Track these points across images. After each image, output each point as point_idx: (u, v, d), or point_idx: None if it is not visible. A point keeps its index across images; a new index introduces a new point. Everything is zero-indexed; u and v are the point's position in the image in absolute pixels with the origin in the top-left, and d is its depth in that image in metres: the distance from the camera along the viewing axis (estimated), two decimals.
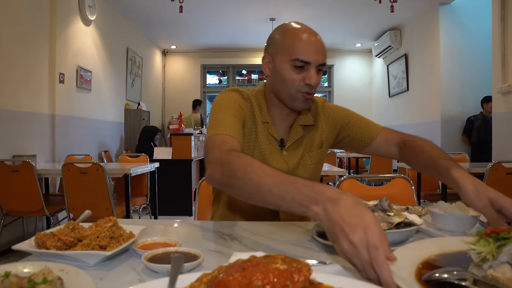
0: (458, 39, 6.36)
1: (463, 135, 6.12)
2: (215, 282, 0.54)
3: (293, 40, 1.26)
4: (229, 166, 1.00)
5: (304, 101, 1.30)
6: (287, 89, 1.28)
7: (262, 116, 1.37)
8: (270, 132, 1.37)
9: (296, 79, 1.26)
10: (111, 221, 0.95)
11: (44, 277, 0.62)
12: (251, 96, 1.39)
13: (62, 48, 5.03)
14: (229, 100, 1.32)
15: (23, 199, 3.42)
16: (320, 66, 1.27)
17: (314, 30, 1.31)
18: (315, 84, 1.26)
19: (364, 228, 0.68)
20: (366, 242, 0.67)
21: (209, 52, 9.85)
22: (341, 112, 1.50)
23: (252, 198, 0.93)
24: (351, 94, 9.89)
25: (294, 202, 0.81)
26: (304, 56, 1.23)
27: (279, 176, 0.88)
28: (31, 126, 4.43)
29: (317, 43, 1.27)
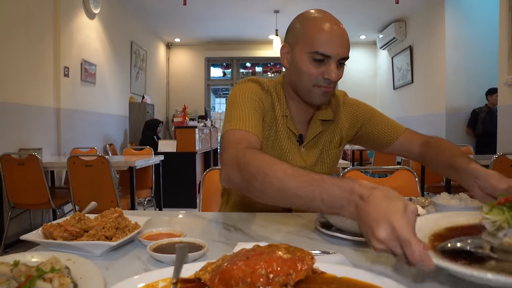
0: (463, 31, 6.30)
1: (468, 127, 6.09)
2: (220, 271, 0.55)
3: (314, 31, 1.15)
4: (247, 168, 0.92)
5: (322, 96, 1.21)
6: (304, 83, 1.20)
7: (281, 109, 1.30)
8: (289, 126, 1.30)
9: (314, 73, 1.17)
10: (117, 212, 0.96)
11: (52, 266, 0.63)
12: (271, 88, 1.31)
13: (67, 41, 5.04)
14: (247, 92, 1.24)
15: (30, 192, 3.46)
16: (341, 60, 1.19)
17: (337, 19, 1.19)
18: (335, 79, 1.17)
19: (390, 221, 0.63)
20: (396, 237, 0.62)
21: (213, 44, 9.82)
22: (363, 108, 1.44)
23: (276, 201, 0.88)
24: (356, 86, 9.82)
25: (324, 205, 0.77)
26: (325, 49, 1.14)
27: (303, 177, 0.82)
28: (36, 120, 4.45)
29: (340, 35, 1.16)
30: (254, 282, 0.51)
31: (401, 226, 0.62)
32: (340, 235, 0.94)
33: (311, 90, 1.20)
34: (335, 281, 0.60)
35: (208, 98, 10.14)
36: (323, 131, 1.35)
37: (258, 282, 0.51)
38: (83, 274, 0.66)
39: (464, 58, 6.28)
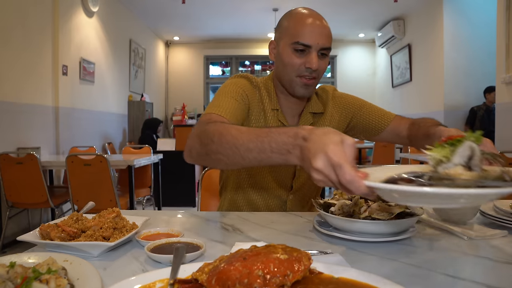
0: (462, 29, 6.30)
1: (466, 125, 6.10)
2: (217, 272, 0.55)
3: (295, 24, 1.23)
4: (205, 134, 0.98)
5: (303, 87, 1.27)
6: (288, 74, 1.27)
7: (271, 103, 1.35)
8: (279, 119, 1.35)
9: (296, 63, 1.23)
10: (114, 212, 0.96)
11: (49, 267, 0.63)
12: (261, 83, 1.37)
13: (65, 40, 5.03)
14: (234, 85, 1.30)
15: (28, 191, 3.45)
16: (323, 50, 1.24)
17: (320, 15, 1.27)
18: (316, 68, 1.22)
19: (324, 150, 0.67)
20: (330, 164, 0.66)
21: (212, 43, 9.81)
22: (352, 100, 1.49)
23: (232, 160, 0.91)
24: (354, 84, 9.84)
25: (273, 153, 0.80)
26: (305, 39, 1.21)
27: (253, 131, 0.86)
28: (35, 118, 4.45)
29: (320, 26, 1.23)
30: (251, 283, 0.51)
31: (334, 153, 0.66)
32: (338, 235, 0.94)
33: (294, 81, 1.26)
34: (333, 281, 0.60)
35: (207, 97, 10.14)
36: (313, 123, 1.40)
37: (255, 283, 0.51)
38: (80, 275, 0.66)
39: (462, 56, 6.29)
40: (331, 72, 10.14)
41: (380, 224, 0.90)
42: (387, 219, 0.90)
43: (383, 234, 0.92)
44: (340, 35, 9.46)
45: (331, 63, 10.10)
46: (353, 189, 0.65)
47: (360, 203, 0.95)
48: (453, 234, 1.01)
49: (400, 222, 0.90)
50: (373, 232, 0.92)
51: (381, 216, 0.91)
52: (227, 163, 0.94)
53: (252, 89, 1.34)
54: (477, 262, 0.82)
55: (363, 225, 0.91)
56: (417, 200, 0.65)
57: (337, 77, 9.97)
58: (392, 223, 0.90)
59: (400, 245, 0.91)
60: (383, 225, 0.90)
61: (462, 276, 0.72)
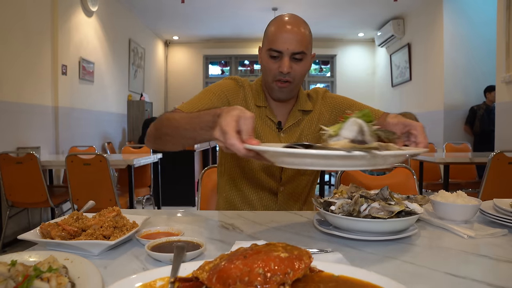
0: (462, 28, 6.30)
1: (466, 124, 6.10)
2: (217, 270, 0.55)
3: (271, 31, 1.34)
4: (159, 121, 1.20)
5: (279, 90, 1.37)
6: (267, 78, 1.38)
7: (258, 100, 1.45)
8: (267, 115, 1.45)
9: (272, 68, 1.34)
10: (115, 211, 0.96)
11: (50, 266, 0.63)
12: (247, 84, 1.48)
13: (64, 39, 5.02)
14: (215, 85, 1.43)
15: (28, 191, 3.45)
16: (296, 55, 1.31)
17: (297, 20, 1.34)
18: (287, 71, 1.31)
19: (219, 122, 0.85)
20: (222, 132, 0.84)
21: (211, 42, 9.81)
22: (343, 100, 1.55)
23: (176, 140, 1.13)
24: (354, 84, 9.84)
25: (201, 130, 0.99)
26: (276, 46, 1.30)
27: (191, 115, 1.07)
28: (34, 118, 4.44)
29: (291, 33, 1.30)
30: (251, 281, 0.51)
31: (224, 123, 0.83)
32: (338, 233, 0.94)
33: (271, 85, 1.38)
34: (333, 279, 0.60)
35: None
36: (302, 120, 1.49)
37: (255, 281, 0.51)
38: (81, 274, 0.66)
39: (462, 55, 6.28)
40: (330, 72, 10.13)
41: (380, 222, 0.90)
42: (387, 218, 0.90)
43: (383, 232, 0.92)
44: (339, 35, 9.46)
45: (330, 63, 10.10)
46: (235, 151, 0.82)
47: (361, 202, 0.95)
48: (453, 233, 1.01)
49: (400, 221, 0.90)
50: (373, 231, 0.92)
51: (381, 215, 0.91)
52: (173, 143, 1.16)
53: (236, 88, 1.45)
54: (478, 260, 0.83)
55: (363, 223, 0.91)
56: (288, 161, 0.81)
57: (336, 76, 9.97)
58: (392, 221, 0.90)
59: (400, 244, 0.92)
60: (383, 224, 0.90)
61: (462, 275, 0.72)
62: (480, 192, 2.93)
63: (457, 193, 1.13)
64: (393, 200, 0.98)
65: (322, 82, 10.29)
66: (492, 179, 2.93)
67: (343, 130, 0.83)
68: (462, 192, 1.13)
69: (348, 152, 0.73)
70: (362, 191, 1.04)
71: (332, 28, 8.83)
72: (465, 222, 1.09)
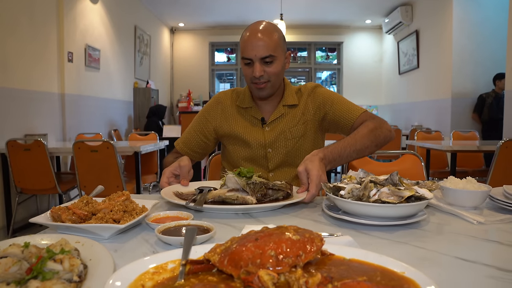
0: (472, 14, 6.20)
1: (474, 112, 6.04)
2: (229, 252, 0.55)
3: (241, 41, 1.48)
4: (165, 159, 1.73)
5: (257, 90, 1.51)
6: (247, 82, 1.55)
7: (244, 102, 1.62)
8: (252, 114, 1.61)
9: (248, 73, 1.50)
10: (124, 195, 0.96)
11: (62, 248, 0.64)
12: (228, 95, 1.68)
13: (70, 26, 5.01)
14: (200, 112, 1.71)
15: (36, 177, 3.48)
16: (265, 59, 1.44)
17: (265, 27, 1.46)
18: (259, 75, 1.44)
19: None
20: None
21: (217, 29, 9.74)
22: (328, 95, 1.61)
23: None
24: (361, 71, 9.76)
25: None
26: (246, 54, 1.45)
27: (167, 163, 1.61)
28: (41, 105, 4.46)
29: (257, 40, 1.43)
30: (263, 263, 0.51)
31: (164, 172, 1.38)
32: (348, 218, 0.94)
33: (251, 87, 1.54)
34: (344, 262, 0.60)
35: (212, 83, 10.11)
36: (286, 114, 1.60)
37: (267, 263, 0.51)
38: (93, 256, 0.66)
39: (471, 42, 6.19)
40: (337, 59, 10.05)
41: (390, 207, 0.89)
42: (397, 202, 0.89)
43: (393, 217, 0.92)
44: (346, 22, 9.36)
45: (337, 50, 10.02)
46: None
47: (370, 187, 0.94)
48: (462, 219, 1.00)
49: (410, 206, 0.90)
50: (383, 216, 0.92)
51: (391, 199, 0.90)
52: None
53: (213, 106, 1.68)
54: (487, 245, 0.82)
55: (373, 208, 0.91)
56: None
57: (343, 64, 9.89)
58: (402, 206, 0.89)
59: (409, 229, 0.91)
60: (393, 209, 0.90)
61: (472, 259, 0.72)
62: (488, 180, 2.92)
63: (467, 179, 1.12)
64: (403, 186, 0.98)
65: (329, 70, 10.22)
66: (500, 167, 2.91)
67: (228, 182, 1.17)
68: (471, 178, 1.12)
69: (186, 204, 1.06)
70: (371, 176, 1.04)
71: (339, 15, 8.73)
72: (475, 208, 1.09)
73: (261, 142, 1.57)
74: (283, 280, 0.51)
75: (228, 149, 1.65)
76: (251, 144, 1.58)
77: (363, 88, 9.74)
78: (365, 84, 9.75)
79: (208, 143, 1.68)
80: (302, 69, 10.20)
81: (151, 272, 0.58)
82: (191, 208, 1.05)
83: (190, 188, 1.29)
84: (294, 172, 1.60)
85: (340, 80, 9.98)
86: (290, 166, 1.61)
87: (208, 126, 1.66)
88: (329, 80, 10.37)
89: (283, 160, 1.59)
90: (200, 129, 1.67)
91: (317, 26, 9.54)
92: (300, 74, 10.29)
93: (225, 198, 1.12)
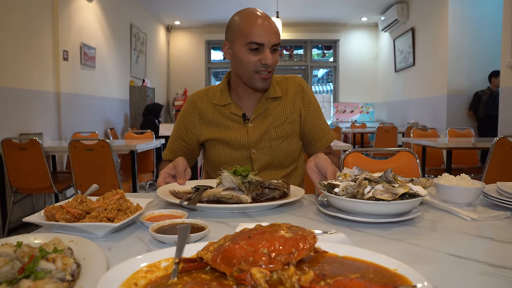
0: (467, 12, 6.22)
1: (470, 110, 6.06)
2: (222, 250, 0.55)
3: (247, 25, 1.37)
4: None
5: (262, 81, 1.42)
6: (246, 72, 1.41)
7: (222, 100, 1.52)
8: (232, 111, 1.51)
9: (253, 60, 1.38)
10: (118, 193, 0.96)
11: (55, 247, 0.63)
12: (202, 96, 1.58)
13: (65, 25, 4.99)
14: (178, 118, 1.62)
15: (32, 177, 3.47)
16: (275, 46, 1.39)
17: (267, 14, 1.42)
18: (271, 63, 1.38)
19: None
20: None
21: (213, 27, 9.73)
22: (314, 101, 1.58)
23: None
24: (357, 69, 9.78)
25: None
26: (258, 39, 1.35)
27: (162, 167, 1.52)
28: (36, 104, 4.44)
29: (269, 25, 1.38)
30: (256, 261, 0.51)
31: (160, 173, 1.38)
32: (342, 216, 0.94)
33: (252, 77, 1.42)
34: (337, 260, 0.60)
35: (209, 81, 10.09)
36: (270, 108, 1.52)
37: (260, 261, 0.51)
38: (86, 255, 0.66)
39: (466, 40, 6.21)
40: (333, 57, 10.06)
41: (384, 205, 0.90)
42: (391, 200, 0.89)
43: (387, 215, 0.92)
44: (342, 19, 9.37)
45: (333, 48, 10.02)
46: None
47: (365, 184, 0.94)
48: (456, 216, 1.01)
49: (403, 203, 0.90)
50: (377, 213, 0.92)
51: (385, 197, 0.90)
52: None
53: (188, 110, 1.58)
54: (480, 242, 0.83)
55: (367, 205, 0.91)
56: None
57: (339, 61, 9.90)
58: (396, 204, 0.89)
59: (404, 226, 0.92)
60: (386, 206, 0.90)
61: (465, 256, 0.72)
62: (483, 177, 2.93)
63: (461, 176, 1.13)
64: (397, 183, 0.98)
65: (325, 67, 10.23)
66: (495, 164, 2.92)
67: (223, 180, 1.17)
68: (465, 175, 1.13)
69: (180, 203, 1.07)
70: (365, 173, 1.04)
71: (335, 12, 8.74)
72: (469, 205, 1.09)
73: (244, 142, 1.49)
74: (275, 277, 0.51)
75: (209, 152, 1.58)
76: (234, 145, 1.50)
77: (360, 85, 9.75)
78: (362, 82, 9.77)
79: (192, 149, 1.62)
80: (299, 67, 10.20)
81: (144, 270, 0.58)
82: (185, 206, 1.05)
83: (187, 187, 1.27)
84: (281, 174, 1.55)
85: (337, 78, 9.99)
86: (277, 168, 1.55)
87: (188, 134, 1.58)
88: (325, 77, 10.38)
89: (269, 162, 1.52)
90: (181, 137, 1.60)
91: (313, 24, 9.54)
92: (296, 72, 10.30)
93: (220, 197, 1.11)
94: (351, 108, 9.71)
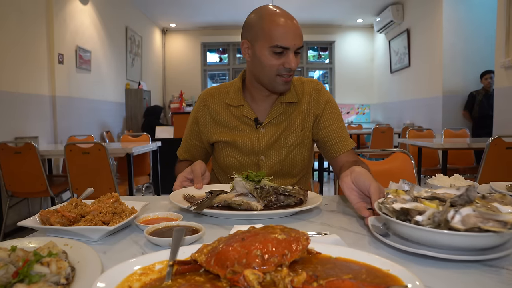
0: (461, 13, 6.25)
1: (465, 110, 6.09)
2: (215, 252, 0.55)
3: (271, 27, 1.28)
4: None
5: (284, 84, 1.35)
6: (267, 74, 1.34)
7: (235, 100, 1.46)
8: (244, 113, 1.45)
9: (275, 64, 1.31)
10: (113, 197, 0.96)
11: (49, 251, 0.63)
12: (212, 95, 1.52)
13: (60, 28, 4.98)
14: (189, 119, 1.57)
15: (27, 180, 3.45)
16: (297, 50, 1.32)
17: (290, 13, 1.32)
18: (295, 67, 1.31)
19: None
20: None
21: (209, 29, 9.74)
22: (331, 106, 1.48)
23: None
24: (353, 70, 9.80)
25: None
26: (283, 42, 1.27)
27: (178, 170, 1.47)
28: (32, 108, 4.43)
29: (294, 28, 1.29)
30: (249, 263, 0.52)
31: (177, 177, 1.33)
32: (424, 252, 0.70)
33: (274, 80, 1.34)
34: (330, 261, 0.60)
35: (204, 84, 10.10)
36: (285, 114, 1.46)
37: (253, 263, 0.52)
38: (81, 258, 0.66)
39: (461, 40, 6.25)
40: (329, 58, 10.09)
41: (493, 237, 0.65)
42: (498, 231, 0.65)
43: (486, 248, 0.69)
44: (338, 21, 9.40)
45: (329, 49, 10.05)
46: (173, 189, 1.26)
47: (448, 209, 0.72)
48: None
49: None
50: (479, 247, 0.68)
51: (490, 226, 0.66)
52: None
53: (201, 108, 1.52)
54: None
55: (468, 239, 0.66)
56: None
57: (335, 63, 9.93)
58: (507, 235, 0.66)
59: None
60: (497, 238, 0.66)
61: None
62: (478, 177, 2.94)
63: (455, 176, 1.13)
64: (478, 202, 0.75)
65: (321, 69, 10.25)
66: (489, 164, 2.93)
67: (236, 186, 1.13)
68: (459, 176, 1.14)
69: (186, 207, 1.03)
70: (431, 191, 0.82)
71: (331, 14, 8.76)
72: None
73: (253, 148, 1.43)
74: (268, 279, 0.51)
75: (217, 154, 1.54)
76: (243, 150, 1.44)
77: (355, 87, 9.78)
78: (357, 83, 9.80)
79: (206, 149, 1.57)
80: None
81: (139, 273, 0.58)
82: (192, 212, 1.01)
83: (203, 191, 1.22)
84: (289, 182, 1.49)
85: (332, 79, 10.02)
86: (285, 176, 1.49)
87: (201, 133, 1.53)
88: (321, 79, 10.40)
89: (276, 169, 1.46)
90: (195, 136, 1.55)
91: (309, 26, 9.57)
92: None
93: (230, 203, 1.06)
94: (347, 109, 9.74)
